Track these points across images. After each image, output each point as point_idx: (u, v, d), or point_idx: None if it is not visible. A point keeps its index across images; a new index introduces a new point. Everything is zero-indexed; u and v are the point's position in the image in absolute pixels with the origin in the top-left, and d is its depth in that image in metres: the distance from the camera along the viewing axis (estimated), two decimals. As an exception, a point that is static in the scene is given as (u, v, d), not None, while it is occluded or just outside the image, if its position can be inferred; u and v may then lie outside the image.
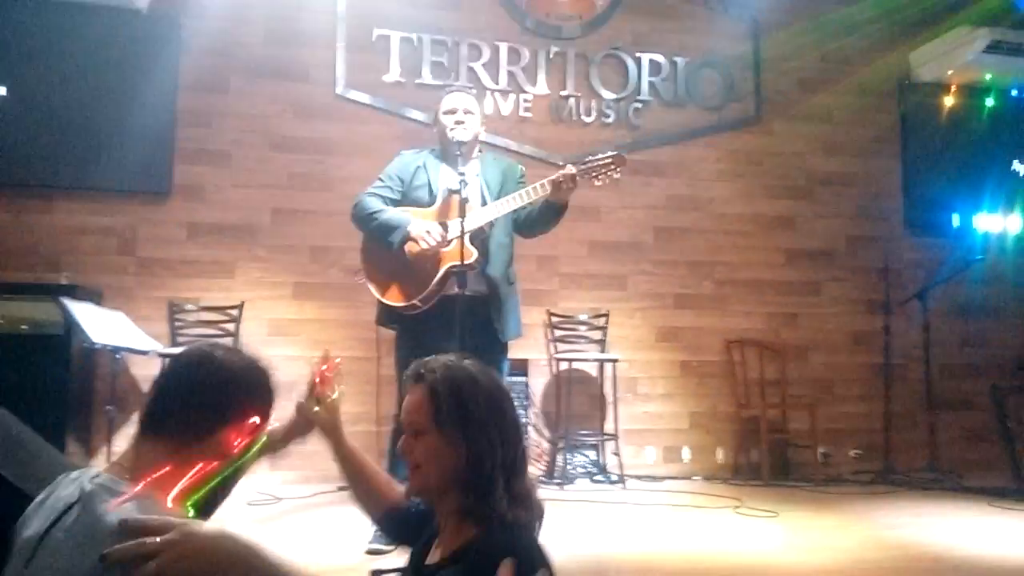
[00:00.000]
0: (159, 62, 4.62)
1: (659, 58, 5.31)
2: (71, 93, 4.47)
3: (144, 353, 4.06)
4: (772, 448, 4.82)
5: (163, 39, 4.65)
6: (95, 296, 4.23)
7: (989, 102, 5.65)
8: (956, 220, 5.54)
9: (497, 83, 5.08)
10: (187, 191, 4.61)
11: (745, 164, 5.36)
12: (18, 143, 4.38)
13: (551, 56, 5.19)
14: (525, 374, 4.76)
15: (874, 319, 5.30)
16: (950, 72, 5.51)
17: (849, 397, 5.25)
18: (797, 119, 5.47)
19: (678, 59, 5.33)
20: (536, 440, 4.78)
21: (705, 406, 5.07)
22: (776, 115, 5.45)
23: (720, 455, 5.03)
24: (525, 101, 5.11)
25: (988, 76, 5.50)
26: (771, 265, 5.31)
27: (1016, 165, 5.61)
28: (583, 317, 4.93)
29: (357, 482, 1.61)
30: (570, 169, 2.89)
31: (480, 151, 3.21)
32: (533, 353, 4.85)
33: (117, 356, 3.90)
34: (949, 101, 5.64)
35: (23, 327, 3.92)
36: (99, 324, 3.75)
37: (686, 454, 5.01)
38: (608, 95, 5.22)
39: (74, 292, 3.95)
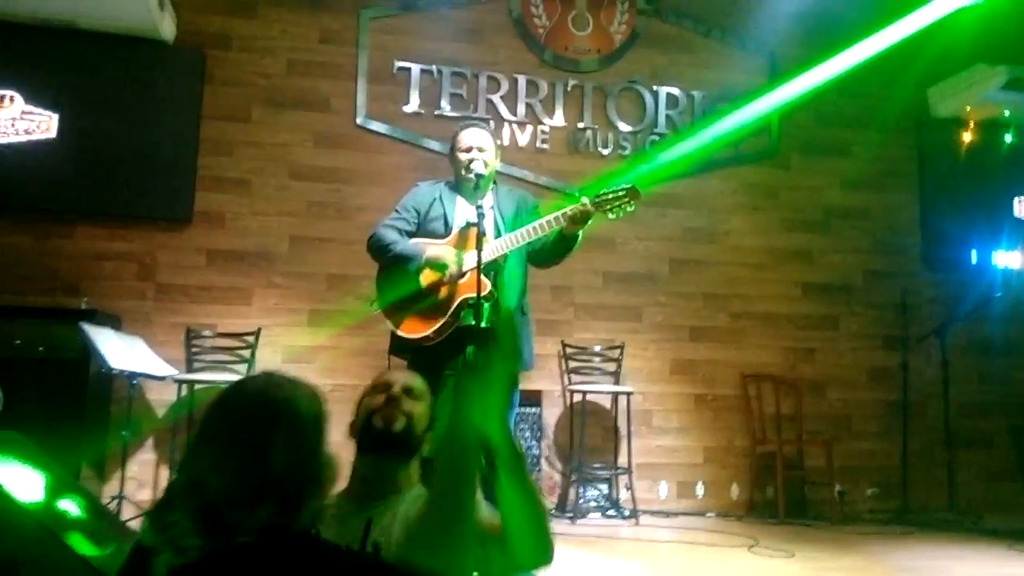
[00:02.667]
0: (183, 92, 4.72)
1: (676, 91, 5.35)
2: (96, 121, 4.56)
3: (160, 379, 4.09)
4: (788, 485, 4.75)
5: (188, 70, 4.75)
6: (114, 321, 4.27)
7: (1007, 138, 5.63)
8: (974, 256, 5.50)
9: (515, 115, 5.13)
10: (207, 218, 4.67)
11: (762, 197, 5.36)
12: (42, 169, 4.46)
13: (569, 89, 5.24)
14: (539, 405, 4.75)
15: (892, 355, 5.24)
16: (968, 108, 5.50)
17: (866, 434, 5.18)
18: (814, 153, 5.47)
19: (695, 92, 5.36)
20: (548, 472, 4.75)
21: (720, 441, 5.03)
22: (793, 149, 5.46)
23: (735, 491, 4.97)
24: (543, 133, 5.16)
25: (1006, 112, 5.48)
26: (788, 298, 5.28)
27: (1016, 204, 5.56)
28: (597, 348, 4.91)
29: None
30: (585, 203, 2.90)
31: (495, 183, 3.23)
32: (547, 384, 4.84)
33: (134, 382, 3.93)
34: (967, 137, 5.62)
35: (41, 350, 3.96)
36: (117, 349, 3.79)
37: (700, 489, 4.96)
38: (625, 127, 5.25)
39: (93, 317, 3.99)
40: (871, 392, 5.26)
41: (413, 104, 5.02)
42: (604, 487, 4.77)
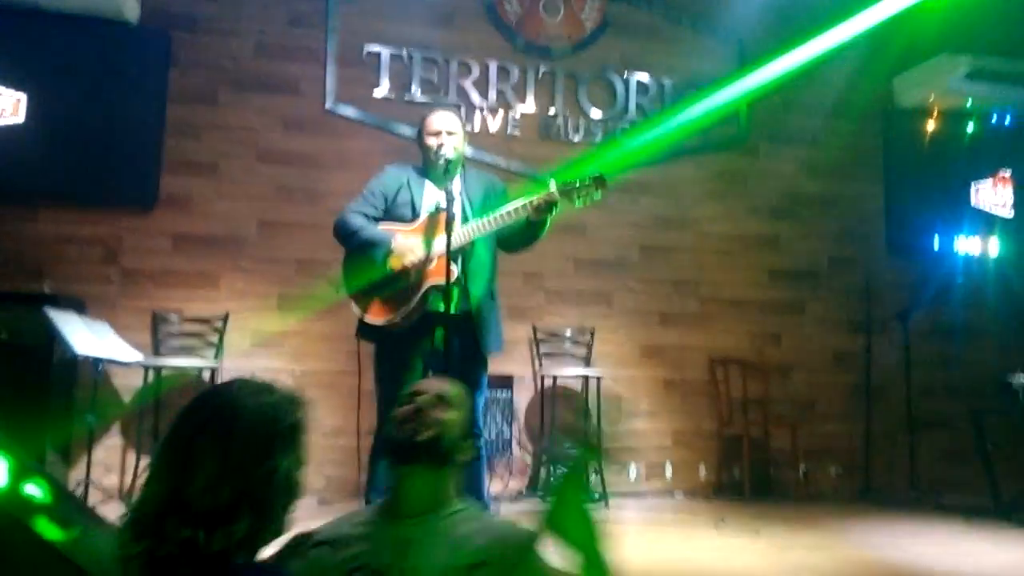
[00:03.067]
0: (148, 74, 4.64)
1: (646, 79, 5.38)
2: (60, 103, 4.47)
3: (126, 364, 4.04)
4: (754, 466, 4.84)
5: (153, 52, 4.67)
6: (78, 306, 4.21)
7: (969, 127, 5.74)
8: (937, 243, 5.62)
9: (486, 101, 5.13)
10: (173, 202, 4.62)
11: (730, 184, 5.42)
12: (4, 151, 4.37)
13: (540, 75, 5.24)
14: (510, 389, 4.78)
15: (856, 339, 5.35)
16: (932, 98, 5.60)
17: (830, 416, 5.29)
18: (782, 141, 5.54)
19: (665, 80, 5.40)
20: (520, 454, 4.78)
21: (688, 424, 5.09)
22: (761, 137, 5.52)
23: (703, 472, 5.05)
24: (513, 119, 5.16)
25: (969, 102, 5.59)
26: (755, 284, 5.36)
27: (973, 192, 5.68)
28: (568, 333, 4.95)
29: None
30: (552, 192, 2.91)
31: (463, 168, 3.24)
32: (518, 369, 4.87)
33: (99, 367, 3.88)
34: (931, 126, 5.72)
35: (4, 336, 3.89)
36: (81, 334, 3.74)
37: (668, 471, 5.02)
38: (596, 114, 5.27)
39: (57, 302, 3.93)
40: (835, 375, 5.36)
41: (383, 89, 4.99)
42: (574, 470, 4.81)
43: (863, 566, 3.28)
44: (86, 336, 3.77)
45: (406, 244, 2.93)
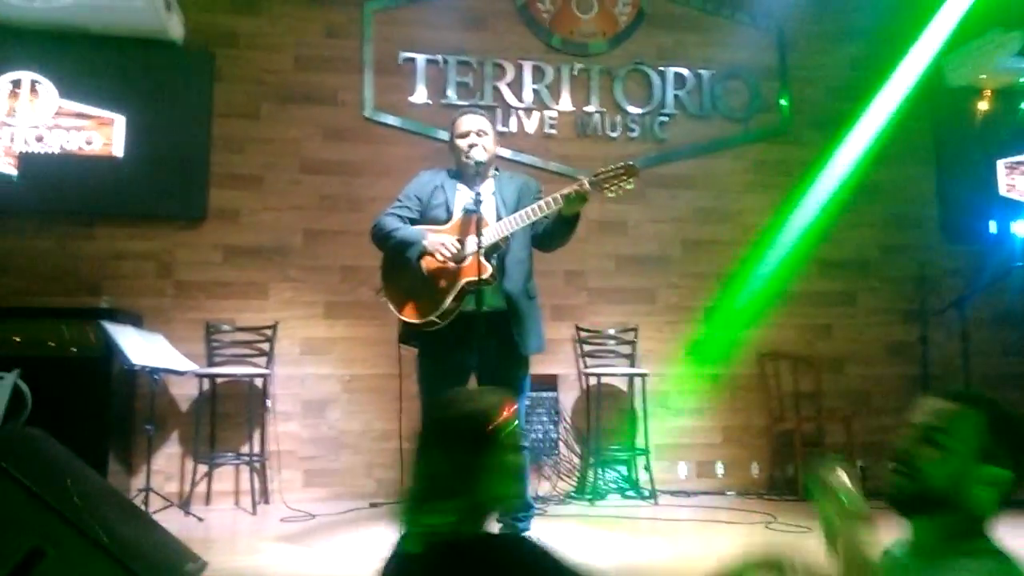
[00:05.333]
0: (194, 91, 4.78)
1: (684, 71, 5.32)
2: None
3: (181, 374, 4.17)
4: (808, 462, 4.75)
5: (197, 69, 4.81)
6: (135, 319, 4.36)
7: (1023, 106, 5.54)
8: (993, 226, 5.42)
9: (522, 101, 5.14)
10: (222, 215, 4.74)
11: (774, 175, 5.32)
12: (60, 173, 4.55)
13: (575, 73, 5.23)
14: (555, 389, 4.79)
15: (911, 329, 5.19)
16: (983, 77, 5.41)
17: (886, 409, 5.15)
18: (826, 128, 5.41)
19: (703, 71, 5.33)
20: (567, 455, 4.78)
21: (738, 420, 5.02)
22: (804, 125, 5.41)
23: (755, 470, 4.98)
24: (550, 118, 5.16)
25: (1022, 80, 5.38)
26: (803, 276, 5.25)
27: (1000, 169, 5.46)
28: (612, 331, 4.93)
29: None
30: (582, 183, 2.92)
31: (496, 170, 3.26)
32: (563, 368, 4.87)
33: (156, 377, 4.01)
34: (983, 106, 5.53)
35: (71, 349, 4.05)
36: (138, 346, 3.88)
37: (719, 469, 4.97)
38: (633, 110, 5.24)
39: (114, 316, 4.08)
40: (891, 367, 5.22)
41: (420, 95, 5.04)
42: (623, 468, 4.80)
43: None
44: (143, 348, 3.91)
45: (437, 239, 2.97)
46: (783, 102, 5.40)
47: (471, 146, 3.08)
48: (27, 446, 2.40)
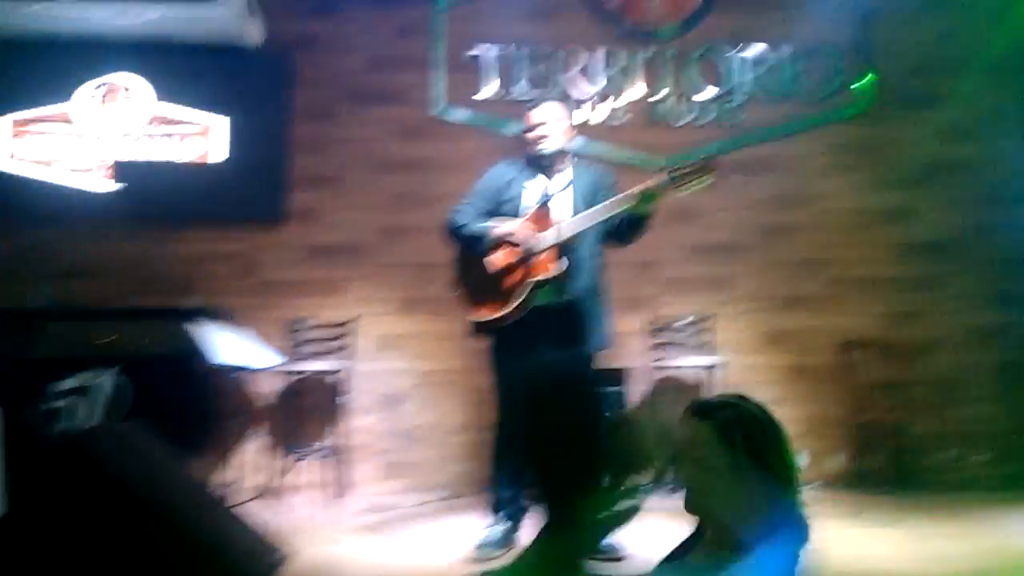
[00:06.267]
0: (272, 94, 4.94)
1: (759, 51, 5.17)
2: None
3: (266, 369, 4.35)
4: (895, 453, 4.59)
5: (276, 73, 4.96)
6: (222, 317, 4.55)
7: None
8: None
9: (592, 90, 5.10)
10: (302, 215, 4.90)
11: (856, 155, 5.13)
12: (151, 179, 4.79)
13: (647, 59, 5.15)
14: (623, 383, 4.74)
15: (1006, 314, 4.93)
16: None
17: (980, 398, 4.90)
18: (913, 105, 5.17)
19: (779, 51, 5.17)
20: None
21: (820, 411, 4.88)
22: (890, 102, 5.18)
23: (840, 461, 4.84)
24: (622, 106, 5.10)
25: None
26: (888, 261, 5.05)
27: None
28: (688, 319, 4.85)
29: None
30: (659, 180, 2.88)
31: (574, 160, 3.25)
32: (634, 360, 4.82)
33: (241, 373, 4.19)
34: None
35: (163, 348, 4.26)
36: (225, 343, 4.06)
37: (804, 460, 4.85)
38: (707, 94, 5.13)
39: (203, 315, 4.27)
40: (984, 354, 4.96)
41: (491, 89, 5.07)
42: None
43: (1009, 556, 3.05)
44: (232, 345, 4.09)
45: (505, 228, 2.99)
46: (866, 80, 5.18)
47: (541, 137, 3.10)
48: (122, 439, 2.54)
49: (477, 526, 3.28)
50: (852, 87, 5.16)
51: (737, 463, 1.35)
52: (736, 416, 1.40)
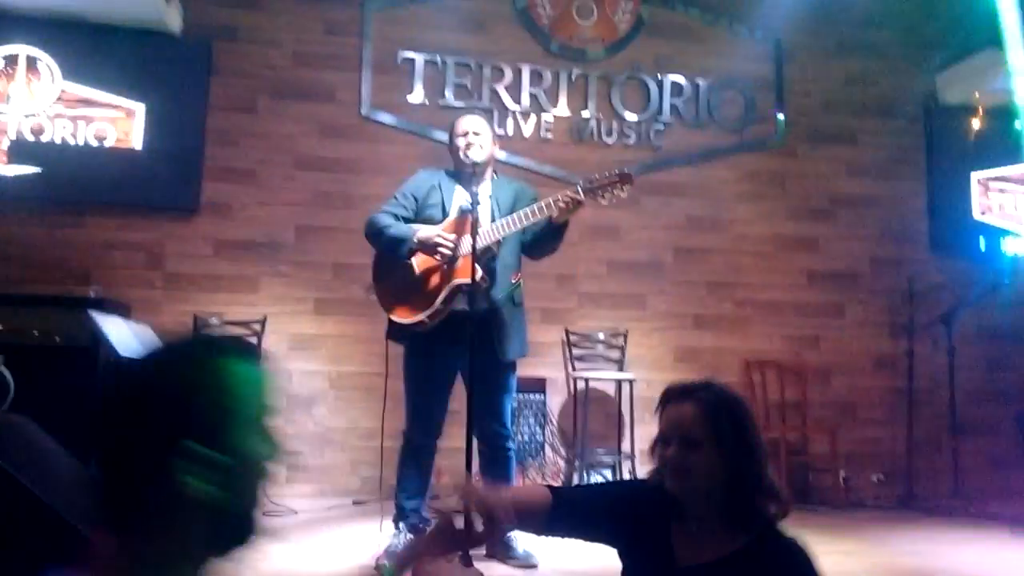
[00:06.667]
0: (190, 83, 4.78)
1: (681, 80, 5.34)
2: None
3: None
4: (792, 471, 4.77)
5: (195, 61, 4.80)
6: (123, 310, 4.34)
7: (1017, 125, 5.58)
8: (983, 243, 5.47)
9: (519, 105, 5.15)
10: (214, 208, 4.74)
11: (767, 185, 5.35)
12: (52, 161, 4.53)
13: (573, 78, 5.25)
14: (543, 392, 4.79)
15: (898, 342, 5.23)
16: (976, 95, 5.46)
17: (872, 421, 5.18)
18: (820, 141, 5.45)
19: (700, 81, 5.36)
20: (552, 458, 4.79)
21: (724, 428, 5.03)
22: (799, 137, 5.44)
23: (739, 477, 4.98)
24: (547, 122, 5.17)
25: (1014, 99, 5.42)
26: (793, 287, 5.28)
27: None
28: (601, 336, 4.94)
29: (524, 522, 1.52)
30: (577, 191, 2.92)
31: (495, 173, 3.26)
32: (551, 372, 4.87)
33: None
34: (976, 124, 5.57)
35: (55, 339, 4.02)
36: (126, 337, 3.85)
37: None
38: (630, 117, 5.26)
39: (102, 306, 4.06)
40: (877, 379, 5.25)
41: (418, 95, 5.05)
42: (608, 473, 4.80)
43: (901, 573, 3.21)
44: (130, 339, 3.88)
45: (428, 232, 2.97)
46: (778, 114, 5.43)
47: (468, 146, 3.09)
48: (9, 431, 2.38)
49: (383, 534, 3.22)
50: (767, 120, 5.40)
51: (722, 438, 1.41)
52: (717, 395, 1.46)
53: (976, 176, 5.56)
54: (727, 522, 1.44)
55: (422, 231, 3.00)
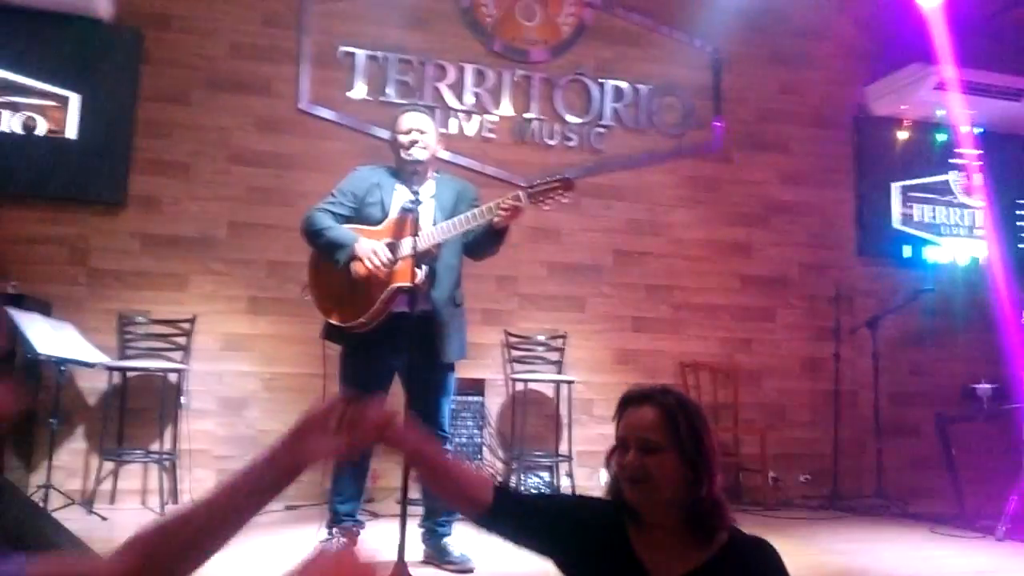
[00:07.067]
0: (119, 72, 4.59)
1: (622, 84, 5.39)
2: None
3: (91, 366, 3.99)
4: (724, 471, 4.85)
5: (125, 49, 4.63)
6: (43, 307, 4.15)
7: (940, 137, 5.82)
8: (908, 250, 5.68)
9: (462, 104, 5.12)
10: (142, 202, 4.57)
11: (704, 190, 5.45)
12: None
13: (516, 79, 5.24)
14: (481, 394, 4.76)
15: (825, 346, 5.38)
16: (904, 107, 5.67)
17: (800, 422, 5.33)
18: (755, 148, 5.58)
19: (641, 86, 5.41)
20: (490, 460, 4.78)
21: (659, 429, 5.09)
22: (735, 144, 5.55)
23: (673, 478, 5.05)
24: (489, 123, 5.15)
25: (940, 112, 5.65)
26: (727, 290, 5.39)
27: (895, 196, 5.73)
28: (541, 338, 4.95)
29: (445, 483, 1.52)
30: (519, 197, 2.91)
31: (437, 172, 3.23)
32: (490, 373, 4.86)
33: (63, 368, 3.82)
34: (903, 135, 5.79)
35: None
36: (46, 335, 3.68)
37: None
38: (572, 119, 5.28)
39: (21, 302, 3.87)
40: (805, 382, 5.40)
41: (358, 90, 4.97)
42: (546, 475, 4.81)
43: (829, 572, 3.30)
44: (50, 337, 3.71)
45: (369, 246, 2.91)
46: (715, 120, 5.53)
47: (412, 143, 3.04)
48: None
49: (315, 539, 3.15)
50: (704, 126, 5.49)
51: (680, 444, 1.39)
52: (676, 401, 1.44)
53: (898, 186, 5.77)
54: (691, 530, 1.41)
55: (363, 242, 2.93)
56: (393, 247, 2.93)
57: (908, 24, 5.26)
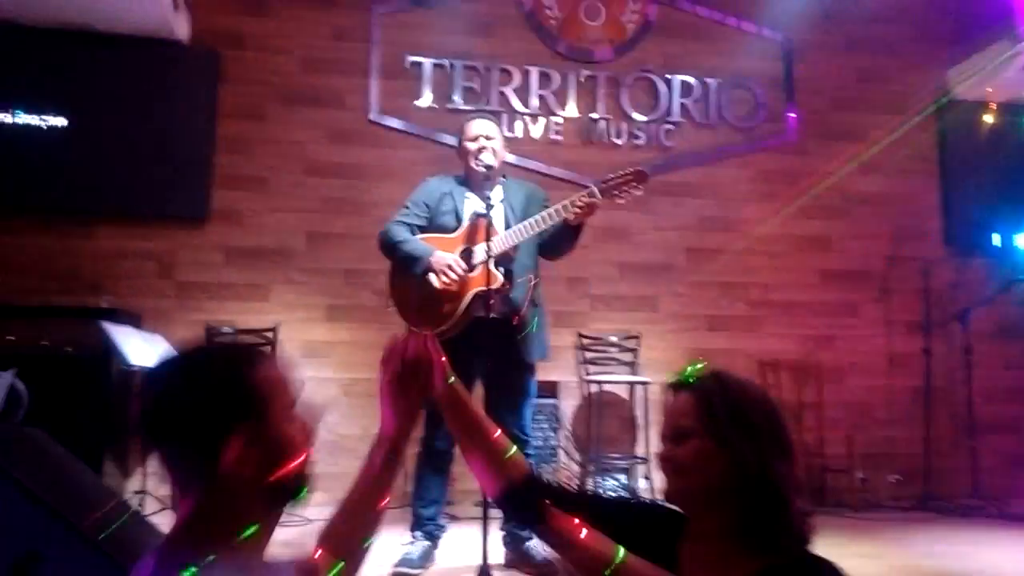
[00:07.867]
0: (198, 91, 4.78)
1: (690, 79, 5.31)
2: (114, 122, 4.64)
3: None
4: (808, 473, 4.72)
5: (203, 69, 4.80)
6: (134, 319, 4.34)
7: (1029, 119, 5.53)
8: (997, 239, 5.41)
9: (528, 107, 5.13)
10: (224, 216, 4.73)
11: (778, 184, 5.31)
12: (63, 170, 4.54)
13: (582, 80, 5.22)
14: (555, 396, 4.76)
15: (913, 341, 5.17)
16: (989, 89, 5.40)
17: (888, 421, 5.13)
18: (832, 138, 5.40)
19: (709, 80, 5.32)
20: (566, 463, 4.76)
21: (739, 429, 4.99)
22: (810, 135, 5.39)
23: (755, 479, 4.94)
24: (556, 124, 5.15)
25: (1029, 92, 5.37)
26: (806, 286, 5.24)
27: None
28: (614, 339, 4.90)
29: (479, 448, 1.37)
30: (592, 193, 2.90)
31: (504, 176, 3.24)
32: (564, 375, 4.85)
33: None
34: (989, 119, 5.52)
35: (66, 349, 4.03)
36: (137, 347, 3.85)
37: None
38: (639, 117, 5.23)
39: (114, 315, 4.06)
40: (893, 378, 5.20)
41: (426, 99, 5.03)
42: (622, 477, 4.77)
43: (927, 575, 3.17)
44: (142, 348, 3.88)
45: (444, 260, 2.94)
46: (789, 112, 5.39)
47: (480, 150, 3.06)
48: (24, 445, 2.37)
49: (398, 542, 3.19)
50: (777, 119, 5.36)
51: (716, 428, 1.20)
52: (715, 381, 1.26)
53: (986, 171, 5.50)
54: (744, 541, 1.17)
55: (437, 255, 2.96)
56: (468, 254, 2.95)
57: (990, 1, 5.02)
